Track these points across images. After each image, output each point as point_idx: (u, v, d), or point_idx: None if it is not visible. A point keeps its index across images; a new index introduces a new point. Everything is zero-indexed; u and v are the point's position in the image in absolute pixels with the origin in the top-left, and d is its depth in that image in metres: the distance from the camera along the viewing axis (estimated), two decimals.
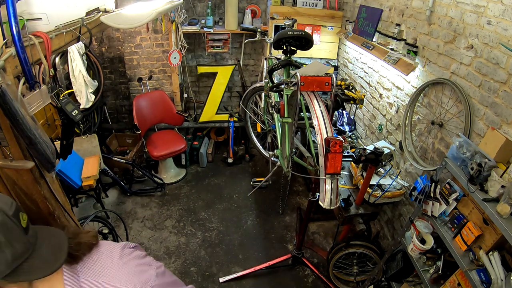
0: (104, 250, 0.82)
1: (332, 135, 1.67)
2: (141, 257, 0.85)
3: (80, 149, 3.04)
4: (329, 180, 1.65)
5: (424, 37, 2.15)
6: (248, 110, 3.26)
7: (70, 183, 2.65)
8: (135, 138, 3.92)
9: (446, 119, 1.97)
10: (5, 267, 0.63)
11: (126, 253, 0.83)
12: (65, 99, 1.95)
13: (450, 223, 1.65)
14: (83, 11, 2.27)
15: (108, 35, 3.68)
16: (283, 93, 2.14)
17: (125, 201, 3.50)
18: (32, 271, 0.66)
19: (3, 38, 1.46)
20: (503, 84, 1.55)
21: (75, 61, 2.21)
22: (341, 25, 3.57)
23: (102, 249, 0.82)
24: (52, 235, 0.76)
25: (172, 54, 3.57)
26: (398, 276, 2.09)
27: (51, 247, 0.72)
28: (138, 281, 0.77)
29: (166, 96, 3.86)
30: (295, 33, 2.10)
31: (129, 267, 0.80)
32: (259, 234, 3.16)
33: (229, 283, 2.65)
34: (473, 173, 1.44)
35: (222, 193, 3.69)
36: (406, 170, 2.41)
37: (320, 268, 2.72)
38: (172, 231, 3.14)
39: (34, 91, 1.61)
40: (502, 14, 1.53)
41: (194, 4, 3.73)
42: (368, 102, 3.01)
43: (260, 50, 4.12)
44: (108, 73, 3.88)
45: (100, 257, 0.80)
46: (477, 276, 1.41)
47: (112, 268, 0.78)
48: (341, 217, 2.23)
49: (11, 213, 0.67)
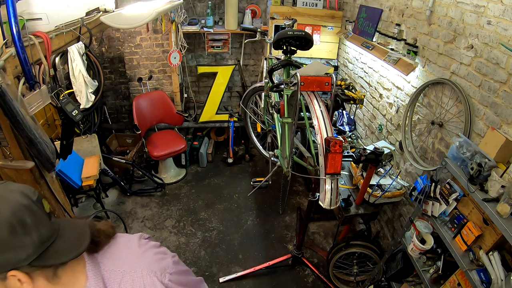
0: (121, 240, 0.84)
1: (332, 135, 1.67)
2: (157, 246, 0.87)
3: (80, 149, 3.04)
4: (329, 180, 1.65)
5: (424, 37, 2.16)
6: (248, 110, 3.26)
7: (70, 183, 2.66)
8: (135, 138, 3.92)
9: (446, 119, 1.97)
10: (32, 251, 0.64)
11: (143, 243, 0.86)
12: (65, 99, 1.95)
13: (450, 223, 1.65)
14: (83, 11, 2.27)
15: (108, 35, 3.68)
16: (283, 93, 2.14)
17: (125, 201, 3.50)
18: (58, 254, 0.67)
19: (3, 38, 1.46)
20: (503, 84, 1.55)
21: (75, 61, 2.21)
22: (341, 25, 3.57)
23: (119, 240, 0.84)
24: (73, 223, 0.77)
25: (172, 54, 3.57)
26: (398, 276, 2.09)
27: (74, 232, 0.73)
28: (158, 268, 0.80)
29: (166, 96, 3.86)
30: (295, 33, 2.10)
31: (148, 255, 0.82)
32: (259, 234, 3.16)
33: (229, 283, 2.65)
34: (473, 173, 1.44)
35: (222, 193, 3.69)
36: (406, 170, 2.41)
37: (320, 268, 2.72)
38: (172, 231, 3.14)
39: (34, 91, 1.61)
40: (502, 14, 1.53)
41: (194, 4, 3.73)
42: (368, 102, 3.01)
43: (260, 50, 4.12)
44: (108, 73, 3.88)
45: (119, 247, 0.82)
46: (477, 276, 1.41)
47: (131, 257, 0.80)
48: (341, 217, 2.23)
49: (35, 198, 0.68)
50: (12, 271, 0.63)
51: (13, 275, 0.63)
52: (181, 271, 0.87)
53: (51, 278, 0.69)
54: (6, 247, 0.62)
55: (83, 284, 0.73)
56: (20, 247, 0.63)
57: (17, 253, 0.63)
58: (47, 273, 0.68)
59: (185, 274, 0.88)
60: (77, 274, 0.73)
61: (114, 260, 0.79)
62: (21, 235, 0.63)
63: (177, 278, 0.83)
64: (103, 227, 0.81)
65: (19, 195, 0.66)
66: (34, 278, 0.66)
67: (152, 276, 0.78)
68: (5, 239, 0.61)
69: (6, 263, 0.62)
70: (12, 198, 0.64)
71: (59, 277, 0.70)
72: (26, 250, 0.63)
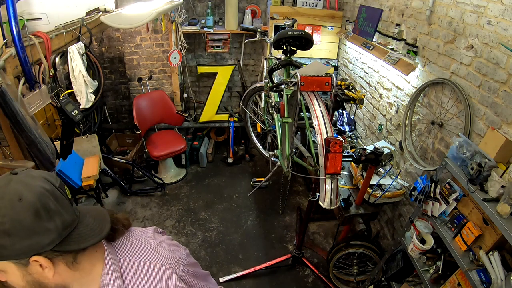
0: (137, 232, 0.87)
1: (332, 135, 1.67)
2: (170, 239, 0.90)
3: (80, 149, 3.04)
4: (329, 180, 1.65)
5: (424, 37, 2.16)
6: (248, 110, 3.26)
7: (70, 183, 2.66)
8: (135, 138, 3.92)
9: (446, 119, 1.97)
10: (56, 236, 0.65)
11: (158, 235, 0.88)
12: (65, 99, 1.95)
13: (450, 223, 1.65)
14: (83, 11, 2.27)
15: (108, 35, 3.68)
16: (283, 93, 2.14)
17: (125, 201, 3.50)
18: (80, 240, 0.68)
19: (3, 38, 1.46)
20: (503, 84, 1.55)
21: (75, 61, 2.21)
22: (341, 25, 3.57)
23: (135, 231, 0.87)
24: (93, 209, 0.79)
25: (172, 54, 3.57)
26: (398, 276, 2.09)
27: (95, 218, 0.74)
28: (172, 259, 0.83)
29: (166, 96, 3.86)
30: (295, 33, 2.10)
31: (163, 247, 0.84)
32: (259, 234, 3.16)
33: (229, 283, 2.65)
34: (473, 173, 1.44)
35: (222, 193, 3.69)
36: (406, 170, 2.41)
37: (320, 268, 2.72)
38: (172, 231, 3.14)
39: (34, 91, 1.61)
40: (502, 14, 1.53)
41: (194, 4, 3.73)
42: (368, 102, 3.01)
43: (260, 50, 4.12)
44: (108, 73, 3.88)
45: (135, 238, 0.84)
46: (477, 276, 1.41)
47: (147, 248, 0.82)
48: (341, 217, 2.23)
49: (58, 184, 0.69)
50: (34, 256, 0.64)
51: (35, 260, 0.64)
52: (192, 263, 0.90)
53: (71, 264, 0.70)
54: (31, 232, 0.62)
55: (100, 271, 0.74)
56: (44, 232, 0.63)
57: (41, 238, 0.63)
58: (67, 258, 0.69)
59: (195, 267, 0.91)
60: (95, 261, 0.74)
61: (131, 250, 0.81)
62: (46, 220, 0.63)
63: (189, 270, 0.86)
64: (120, 217, 0.84)
65: (42, 181, 0.66)
66: (55, 264, 0.67)
67: (167, 266, 0.81)
68: (30, 224, 0.62)
69: (31, 248, 0.63)
70: (35, 184, 0.65)
71: (78, 263, 0.71)
72: (50, 235, 0.64)
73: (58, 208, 0.66)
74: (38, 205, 0.63)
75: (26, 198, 0.62)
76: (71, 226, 0.68)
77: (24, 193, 0.62)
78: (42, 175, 0.68)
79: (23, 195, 0.62)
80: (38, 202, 0.63)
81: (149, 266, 0.79)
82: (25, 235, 0.62)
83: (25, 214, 0.61)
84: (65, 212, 0.67)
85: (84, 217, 0.72)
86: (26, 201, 0.62)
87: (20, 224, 0.61)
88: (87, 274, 0.73)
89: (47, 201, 0.64)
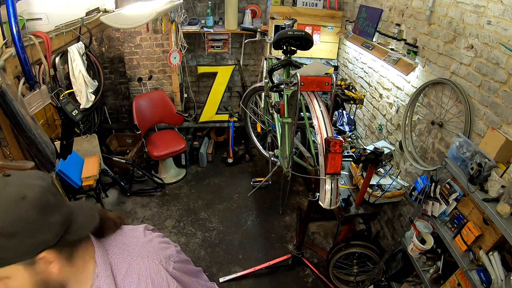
0: (127, 230, 0.87)
1: (332, 135, 1.67)
2: (161, 236, 0.91)
3: (80, 149, 3.04)
4: (329, 180, 1.65)
5: (424, 37, 2.16)
6: (248, 110, 3.26)
7: (70, 183, 2.66)
8: (135, 138, 3.92)
9: (446, 119, 1.97)
10: (59, 229, 0.67)
11: (148, 233, 0.89)
12: (65, 99, 1.95)
13: (450, 223, 1.65)
14: (83, 11, 2.27)
15: (108, 35, 3.68)
16: (283, 93, 2.14)
17: (125, 201, 3.50)
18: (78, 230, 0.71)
19: (3, 38, 1.46)
20: (503, 84, 1.55)
21: (75, 61, 2.21)
22: (341, 25, 3.57)
23: (126, 229, 0.88)
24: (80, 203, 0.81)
25: (172, 54, 3.57)
26: (398, 276, 2.09)
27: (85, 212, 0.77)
28: (163, 256, 0.83)
29: (166, 96, 3.86)
30: (295, 33, 2.10)
31: (153, 244, 0.85)
32: (259, 234, 3.16)
33: (229, 283, 2.65)
34: (473, 173, 1.44)
35: (222, 193, 3.69)
36: (406, 170, 2.41)
37: (320, 268, 2.72)
38: (172, 231, 3.14)
39: (34, 91, 1.62)
40: (502, 14, 1.53)
41: (194, 4, 3.73)
42: (368, 102, 3.01)
43: (260, 50, 4.12)
44: (108, 73, 3.88)
45: (125, 236, 0.85)
46: (477, 276, 1.41)
47: (138, 245, 0.83)
48: (341, 217, 2.23)
49: (50, 181, 0.71)
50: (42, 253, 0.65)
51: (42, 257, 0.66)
52: (184, 260, 0.90)
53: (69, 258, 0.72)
54: (38, 228, 0.64)
55: (92, 269, 0.75)
56: (49, 226, 0.65)
57: (47, 233, 0.65)
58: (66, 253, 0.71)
59: (186, 263, 0.92)
60: (87, 259, 0.76)
61: (121, 248, 0.82)
62: (49, 215, 0.65)
63: (180, 266, 0.87)
64: (111, 215, 0.85)
65: (38, 179, 0.68)
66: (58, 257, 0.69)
67: (157, 263, 0.81)
68: (37, 221, 0.64)
69: (40, 244, 0.65)
70: (33, 183, 0.67)
71: (74, 258, 0.73)
72: (54, 229, 0.66)
73: (57, 202, 0.68)
74: (40, 202, 0.64)
75: (28, 196, 0.63)
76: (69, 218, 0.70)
77: (26, 192, 0.64)
78: (36, 174, 0.71)
79: (25, 194, 0.63)
80: (39, 199, 0.64)
81: (139, 263, 0.80)
82: (31, 233, 0.63)
83: (30, 212, 0.63)
84: (63, 205, 0.70)
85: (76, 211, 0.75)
86: (29, 199, 0.63)
87: (25, 222, 0.62)
88: (81, 272, 0.75)
89: (48, 197, 0.66)
